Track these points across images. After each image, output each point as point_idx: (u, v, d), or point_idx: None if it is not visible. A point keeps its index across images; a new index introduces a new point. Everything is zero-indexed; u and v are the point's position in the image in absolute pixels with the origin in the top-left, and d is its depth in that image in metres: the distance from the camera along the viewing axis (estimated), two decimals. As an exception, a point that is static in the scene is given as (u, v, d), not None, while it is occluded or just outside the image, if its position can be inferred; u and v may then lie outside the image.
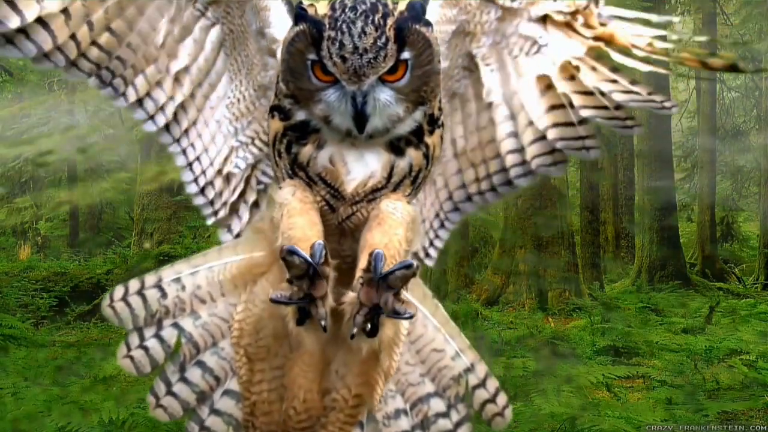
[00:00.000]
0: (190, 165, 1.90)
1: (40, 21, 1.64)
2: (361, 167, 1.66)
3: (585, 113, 1.73)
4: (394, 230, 1.64)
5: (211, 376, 1.78)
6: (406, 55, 1.57)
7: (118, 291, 1.79)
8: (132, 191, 12.97)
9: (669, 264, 14.27)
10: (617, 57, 1.69)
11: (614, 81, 1.69)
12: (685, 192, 19.63)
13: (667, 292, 13.05)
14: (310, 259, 1.49)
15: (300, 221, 1.63)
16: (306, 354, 1.68)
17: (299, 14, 1.57)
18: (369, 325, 1.51)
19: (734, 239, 19.31)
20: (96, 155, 15.34)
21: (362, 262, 1.56)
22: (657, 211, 14.75)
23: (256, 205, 1.93)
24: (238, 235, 1.94)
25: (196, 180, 1.91)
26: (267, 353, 1.72)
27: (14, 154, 14.51)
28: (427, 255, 1.94)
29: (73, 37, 1.69)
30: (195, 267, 1.81)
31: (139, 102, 1.82)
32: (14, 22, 1.60)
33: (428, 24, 1.60)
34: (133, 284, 1.79)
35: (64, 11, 1.65)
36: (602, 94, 1.70)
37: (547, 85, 1.76)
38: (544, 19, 1.75)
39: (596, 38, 1.70)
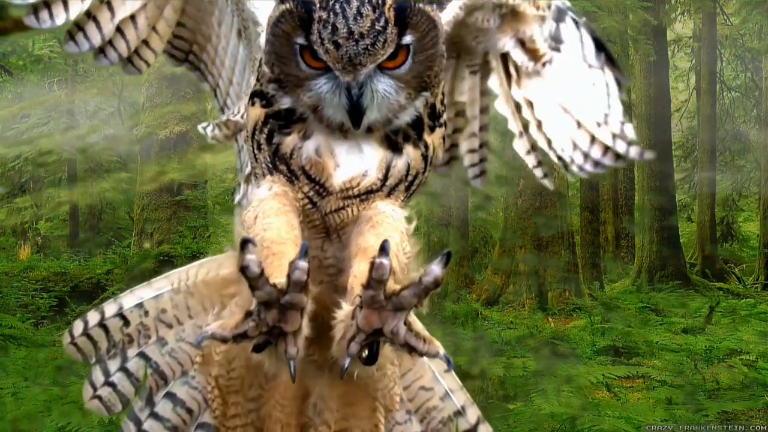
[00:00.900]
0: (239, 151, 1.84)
1: (90, 16, 1.63)
2: (353, 161, 1.45)
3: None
4: (391, 233, 1.40)
5: (183, 408, 1.61)
6: (408, 39, 1.38)
7: (78, 326, 1.64)
8: (132, 191, 12.97)
9: (669, 264, 14.28)
10: None
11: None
12: (685, 192, 19.64)
13: (667, 292, 13.06)
14: (252, 254, 1.18)
15: (276, 222, 1.40)
16: (282, 385, 1.53)
17: None
18: (366, 352, 1.24)
19: (734, 239, 19.31)
20: (96, 155, 15.34)
21: (356, 271, 1.32)
22: (657, 211, 14.76)
23: None
24: None
25: (241, 168, 1.83)
26: (241, 385, 1.56)
27: (14, 154, 14.52)
28: None
29: (121, 33, 1.67)
30: (158, 290, 1.65)
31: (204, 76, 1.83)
32: (61, 18, 1.59)
33: (432, 1, 1.43)
34: (93, 316, 1.64)
35: (109, 6, 1.64)
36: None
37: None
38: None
39: None
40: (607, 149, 1.67)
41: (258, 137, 1.49)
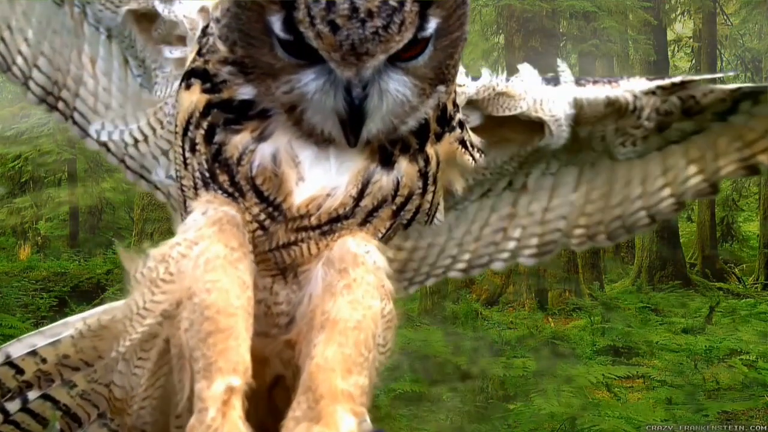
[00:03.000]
0: None
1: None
2: (322, 174, 1.07)
3: None
4: (369, 301, 1.06)
5: None
6: (432, 21, 1.00)
7: None
8: (132, 191, 12.96)
9: (669, 264, 14.27)
10: None
11: None
12: (685, 192, 19.62)
13: (667, 292, 13.06)
14: None
15: (223, 280, 1.02)
16: None
17: None
18: None
19: (734, 239, 19.30)
20: (96, 155, 15.33)
21: (320, 358, 1.00)
22: (657, 211, 14.76)
23: None
24: None
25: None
26: None
27: (14, 154, 14.52)
28: None
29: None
30: (54, 336, 1.43)
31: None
32: None
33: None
34: None
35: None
36: None
37: None
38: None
39: None
40: None
41: (192, 134, 1.09)
